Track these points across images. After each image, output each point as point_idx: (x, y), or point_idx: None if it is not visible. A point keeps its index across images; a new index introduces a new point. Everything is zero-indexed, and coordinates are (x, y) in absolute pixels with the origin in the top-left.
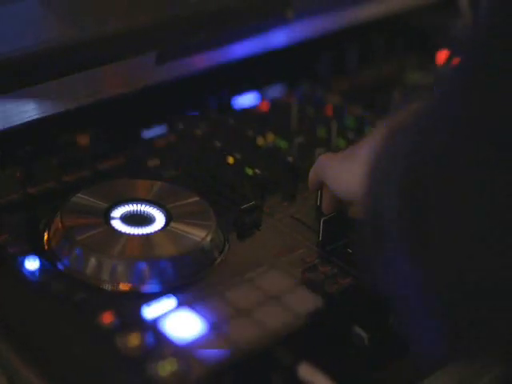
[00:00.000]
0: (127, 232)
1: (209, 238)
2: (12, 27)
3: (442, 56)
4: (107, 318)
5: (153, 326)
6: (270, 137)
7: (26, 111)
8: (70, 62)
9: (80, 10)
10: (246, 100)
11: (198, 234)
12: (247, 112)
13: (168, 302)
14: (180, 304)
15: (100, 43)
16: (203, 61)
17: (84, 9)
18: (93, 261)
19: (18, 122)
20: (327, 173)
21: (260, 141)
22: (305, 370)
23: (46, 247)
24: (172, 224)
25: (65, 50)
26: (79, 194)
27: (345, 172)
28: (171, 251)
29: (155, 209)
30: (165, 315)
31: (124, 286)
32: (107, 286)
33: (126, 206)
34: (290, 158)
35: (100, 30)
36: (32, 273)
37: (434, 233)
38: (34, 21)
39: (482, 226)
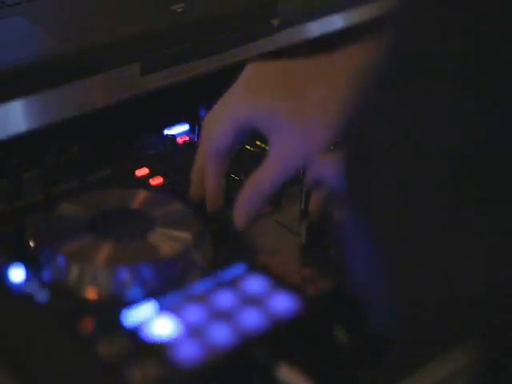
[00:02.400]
0: (111, 241)
1: (192, 244)
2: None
3: None
4: (89, 326)
5: (134, 332)
6: (258, 143)
7: (12, 123)
8: (56, 74)
9: (65, 23)
10: None
11: (182, 241)
12: None
13: (150, 308)
14: (162, 309)
15: (85, 55)
16: (189, 70)
17: (69, 21)
18: (76, 270)
19: (5, 134)
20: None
21: (248, 147)
22: (286, 373)
23: (32, 258)
24: (156, 231)
25: (51, 63)
26: (64, 204)
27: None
28: (155, 258)
29: (139, 217)
30: (147, 321)
31: (107, 294)
32: (90, 295)
33: (111, 215)
34: None
35: (84, 42)
36: (17, 283)
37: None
38: (20, 35)
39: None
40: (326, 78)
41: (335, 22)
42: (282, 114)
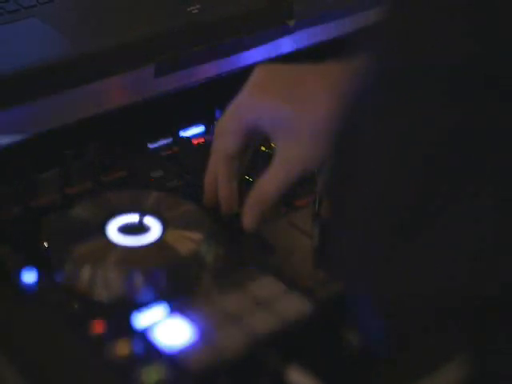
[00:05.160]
0: (123, 243)
1: (204, 247)
2: (14, 44)
3: None
4: (99, 328)
5: (145, 335)
6: (273, 145)
7: (27, 125)
8: (72, 76)
9: (80, 25)
10: None
11: (194, 243)
12: None
13: (161, 311)
14: (173, 312)
15: (99, 56)
16: (204, 72)
17: (84, 23)
18: (88, 272)
19: (21, 136)
20: None
21: (263, 149)
22: (296, 376)
23: (45, 259)
24: (168, 233)
25: (66, 64)
26: (78, 206)
27: None
28: (166, 260)
29: (152, 219)
30: (157, 324)
31: (119, 296)
32: (102, 297)
33: (123, 217)
34: None
35: (99, 44)
36: (30, 285)
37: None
38: (35, 36)
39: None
40: (333, 85)
41: (351, 23)
42: (287, 116)
